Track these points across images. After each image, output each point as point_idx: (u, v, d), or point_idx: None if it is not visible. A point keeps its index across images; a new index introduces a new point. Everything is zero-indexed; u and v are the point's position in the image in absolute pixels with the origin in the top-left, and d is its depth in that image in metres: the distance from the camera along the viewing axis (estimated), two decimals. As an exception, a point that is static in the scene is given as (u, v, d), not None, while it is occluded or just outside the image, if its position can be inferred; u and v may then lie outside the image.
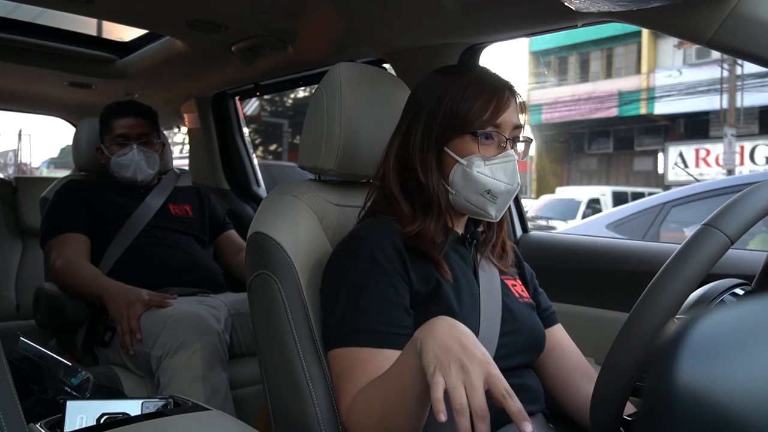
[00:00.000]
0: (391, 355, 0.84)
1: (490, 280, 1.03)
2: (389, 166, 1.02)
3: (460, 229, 1.06)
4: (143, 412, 0.87)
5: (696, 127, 13.44)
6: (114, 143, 1.93)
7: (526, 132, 1.03)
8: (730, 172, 11.94)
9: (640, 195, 12.17)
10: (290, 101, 13.27)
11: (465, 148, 0.97)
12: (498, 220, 1.02)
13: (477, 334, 0.91)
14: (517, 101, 1.00)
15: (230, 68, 2.12)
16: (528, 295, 1.09)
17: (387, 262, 0.92)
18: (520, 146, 1.02)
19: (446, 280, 0.94)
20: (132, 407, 0.87)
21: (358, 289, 0.91)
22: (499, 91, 0.97)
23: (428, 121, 0.99)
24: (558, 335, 1.10)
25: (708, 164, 13.30)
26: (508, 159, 0.97)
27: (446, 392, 0.67)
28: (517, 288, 1.07)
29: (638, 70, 14.39)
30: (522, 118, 1.00)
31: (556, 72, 15.57)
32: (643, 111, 14.18)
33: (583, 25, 1.30)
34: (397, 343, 0.87)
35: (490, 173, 0.96)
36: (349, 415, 0.87)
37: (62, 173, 5.87)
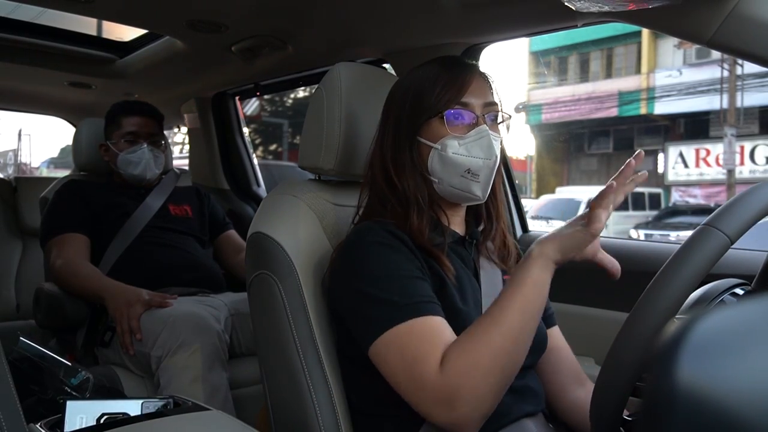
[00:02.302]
0: (439, 322, 0.85)
1: (491, 281, 1.02)
2: (375, 170, 1.01)
3: (458, 229, 1.05)
4: (143, 412, 0.87)
5: (696, 127, 13.44)
6: (123, 140, 1.93)
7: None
8: (731, 172, 11.95)
9: (640, 195, 12.18)
10: (290, 101, 13.27)
11: (436, 133, 0.96)
12: (485, 200, 1.00)
13: None
14: (488, 81, 1.00)
15: (230, 68, 2.12)
16: None
17: (399, 246, 0.91)
18: (503, 127, 1.01)
19: (449, 277, 0.94)
20: (132, 407, 0.87)
21: (387, 271, 0.88)
22: (462, 72, 0.97)
23: (398, 117, 0.99)
24: (556, 336, 1.10)
25: (708, 164, 13.31)
26: (481, 134, 0.95)
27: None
28: None
29: (638, 70, 14.40)
30: (495, 97, 1.00)
31: (556, 72, 15.58)
32: (643, 111, 14.18)
33: (583, 25, 1.30)
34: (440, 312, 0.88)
35: (465, 152, 0.95)
36: (448, 371, 0.80)
37: (62, 173, 5.86)
